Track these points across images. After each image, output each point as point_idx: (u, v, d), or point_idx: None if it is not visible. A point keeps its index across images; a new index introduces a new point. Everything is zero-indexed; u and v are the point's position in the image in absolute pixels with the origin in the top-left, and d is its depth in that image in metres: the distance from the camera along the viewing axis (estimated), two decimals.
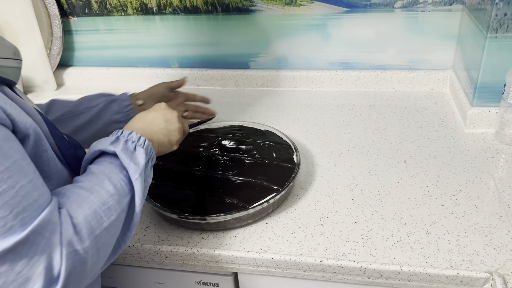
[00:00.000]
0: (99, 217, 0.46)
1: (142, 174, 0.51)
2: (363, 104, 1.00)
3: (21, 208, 0.39)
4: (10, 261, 0.38)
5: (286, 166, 0.74)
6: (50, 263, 0.40)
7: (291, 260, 0.62)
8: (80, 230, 0.44)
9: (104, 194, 0.48)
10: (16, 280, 0.38)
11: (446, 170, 0.77)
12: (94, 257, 0.44)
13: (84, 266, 0.43)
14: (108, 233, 0.46)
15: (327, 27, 1.03)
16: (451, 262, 0.59)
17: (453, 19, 0.98)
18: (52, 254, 0.40)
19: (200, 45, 1.12)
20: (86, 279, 0.45)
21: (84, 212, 0.45)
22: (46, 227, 0.40)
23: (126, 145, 0.53)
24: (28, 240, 0.39)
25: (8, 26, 1.12)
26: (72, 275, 0.42)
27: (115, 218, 0.47)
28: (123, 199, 0.49)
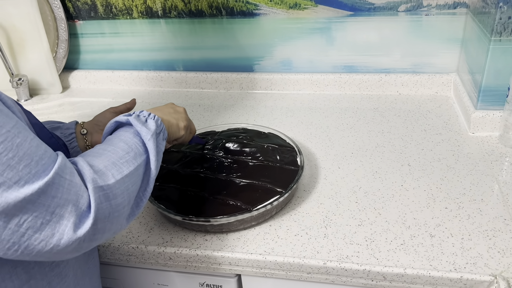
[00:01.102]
0: (118, 167, 0.49)
1: (154, 136, 0.55)
2: (367, 107, 1.00)
3: (38, 156, 0.43)
4: (43, 203, 0.41)
5: (290, 168, 0.74)
6: (78, 200, 0.44)
7: (294, 262, 0.62)
8: (102, 172, 0.48)
9: (120, 152, 0.52)
10: (51, 220, 0.42)
11: (450, 173, 0.77)
12: (119, 198, 0.48)
13: (110, 202, 0.46)
14: (129, 180, 0.50)
15: (331, 31, 1.04)
16: (455, 265, 0.59)
17: (457, 23, 0.98)
18: (78, 191, 0.44)
19: (204, 48, 1.13)
20: (113, 221, 0.47)
21: (103, 162, 0.49)
22: (65, 170, 0.44)
23: (138, 117, 0.58)
24: (54, 181, 0.42)
25: (15, 29, 1.13)
26: (100, 210, 0.45)
27: (134, 169, 0.51)
28: (139, 157, 0.53)
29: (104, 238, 0.48)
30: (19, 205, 0.40)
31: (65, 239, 0.43)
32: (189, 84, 1.17)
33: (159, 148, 0.57)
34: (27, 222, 0.41)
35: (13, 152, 0.41)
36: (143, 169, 0.54)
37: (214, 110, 1.06)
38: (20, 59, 1.18)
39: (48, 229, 0.42)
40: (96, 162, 0.49)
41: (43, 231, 0.42)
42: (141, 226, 0.71)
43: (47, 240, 0.42)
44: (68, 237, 0.43)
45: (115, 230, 0.49)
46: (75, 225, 0.43)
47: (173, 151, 0.83)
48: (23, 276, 0.49)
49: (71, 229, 0.43)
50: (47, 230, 0.42)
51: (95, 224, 0.45)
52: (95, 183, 0.46)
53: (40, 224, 0.42)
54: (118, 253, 0.68)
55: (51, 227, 0.42)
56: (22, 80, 1.17)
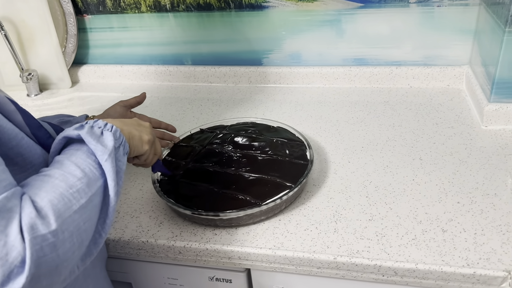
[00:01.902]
0: (66, 200, 0.41)
1: (112, 155, 0.47)
2: (378, 101, 0.99)
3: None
4: None
5: (299, 163, 0.74)
6: (8, 252, 0.36)
7: (304, 257, 0.61)
8: (45, 213, 0.39)
9: (70, 178, 0.43)
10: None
11: (463, 167, 0.75)
12: (67, 243, 0.40)
13: (55, 252, 0.39)
14: (80, 216, 0.42)
15: (341, 23, 1.02)
16: (467, 260, 0.58)
17: (470, 14, 0.96)
18: (11, 242, 0.36)
19: (213, 42, 1.13)
20: (62, 270, 0.40)
21: (49, 196, 0.41)
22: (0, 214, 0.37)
23: (92, 130, 0.49)
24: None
25: (24, 25, 1.14)
26: (43, 263, 0.38)
27: (86, 201, 0.43)
28: (93, 183, 0.45)
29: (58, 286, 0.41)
30: None
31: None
32: (197, 78, 1.17)
33: (119, 167, 0.49)
34: None
35: None
36: (100, 197, 0.46)
37: (222, 104, 1.05)
38: (30, 54, 1.18)
39: None
40: (40, 197, 0.41)
41: None
42: (151, 220, 0.71)
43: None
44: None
45: (63, 280, 0.42)
46: (1, 284, 0.36)
47: (182, 146, 0.83)
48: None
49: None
50: None
51: (36, 281, 0.37)
52: (34, 231, 0.37)
53: None
54: (128, 247, 0.68)
55: None
56: (32, 75, 1.18)
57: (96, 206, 0.45)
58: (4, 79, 1.22)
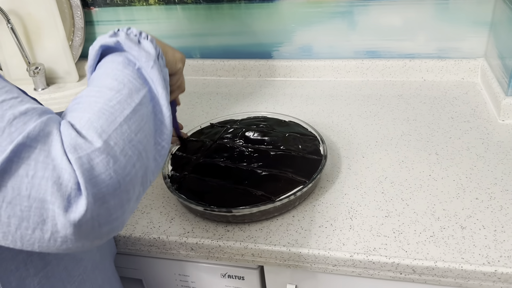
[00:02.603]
0: (108, 114, 0.38)
1: (157, 62, 0.44)
2: (391, 94, 0.97)
3: (6, 121, 0.33)
4: (12, 186, 0.33)
5: (313, 158, 0.72)
6: (58, 176, 0.33)
7: (320, 254, 0.60)
8: (86, 133, 0.36)
9: (107, 92, 0.40)
10: (32, 206, 0.33)
11: (480, 162, 0.73)
12: (121, 157, 0.37)
13: (111, 169, 0.35)
14: (129, 128, 0.38)
15: (353, 15, 1.00)
16: (488, 258, 0.56)
17: (486, 5, 0.93)
18: (59, 165, 0.34)
19: (222, 34, 1.11)
20: (128, 186, 0.37)
21: (87, 115, 0.38)
22: (38, 138, 0.34)
23: (128, 36, 0.45)
24: (20, 155, 0.33)
25: (31, 18, 1.12)
26: (100, 182, 0.35)
27: (130, 112, 0.39)
28: (135, 93, 0.41)
29: (127, 212, 0.38)
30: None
31: (59, 225, 0.34)
32: (206, 72, 1.15)
33: (164, 77, 0.45)
34: (3, 209, 0.33)
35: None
36: (148, 107, 0.42)
37: (232, 98, 1.04)
38: (37, 48, 1.17)
39: (34, 216, 0.33)
40: (77, 119, 0.37)
41: (30, 219, 0.33)
42: (162, 216, 0.69)
43: (41, 228, 0.34)
44: (62, 223, 0.34)
45: (137, 195, 0.39)
46: (64, 209, 0.34)
47: (192, 140, 0.81)
48: (38, 263, 0.47)
49: (61, 216, 0.33)
50: (34, 217, 0.33)
51: (101, 202, 0.35)
52: (78, 151, 0.35)
53: (21, 212, 0.33)
54: (139, 243, 0.67)
55: (36, 214, 0.33)
56: (39, 69, 1.16)
57: (146, 116, 0.41)
58: (10, 73, 1.21)
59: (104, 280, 0.59)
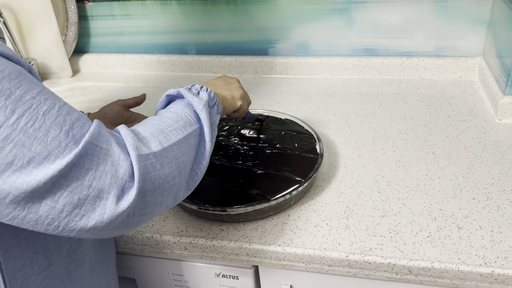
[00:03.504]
0: (166, 134, 0.46)
1: (207, 106, 0.52)
2: (388, 92, 0.96)
3: (68, 126, 0.39)
4: (77, 177, 0.38)
5: (309, 156, 0.71)
6: (117, 170, 0.40)
7: (315, 254, 0.59)
8: (148, 140, 0.44)
9: (168, 120, 0.48)
10: (89, 195, 0.39)
11: (477, 162, 0.73)
12: (167, 167, 0.44)
13: (158, 172, 0.43)
14: (178, 148, 0.46)
15: (351, 12, 0.99)
16: (484, 259, 0.56)
17: (484, 4, 0.93)
18: (116, 161, 0.40)
19: (218, 31, 1.09)
20: (164, 192, 0.44)
21: (150, 129, 0.46)
22: (99, 138, 0.40)
23: (189, 89, 0.55)
24: (87, 152, 0.39)
25: (24, 11, 1.11)
26: (147, 179, 0.41)
27: (183, 137, 0.47)
28: (189, 126, 0.49)
29: (156, 212, 0.44)
30: (51, 181, 0.37)
31: (107, 213, 0.39)
32: (201, 68, 1.14)
33: (213, 121, 0.53)
34: (63, 197, 0.38)
35: (39, 122, 0.37)
36: (196, 139, 0.50)
37: None
38: (30, 42, 1.15)
39: (88, 204, 0.39)
40: (141, 130, 0.46)
41: (83, 207, 0.39)
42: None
43: (89, 216, 0.39)
44: (111, 211, 0.39)
45: (168, 203, 0.46)
46: (117, 198, 0.40)
47: None
48: (43, 262, 0.48)
49: (113, 203, 0.39)
50: (87, 205, 0.39)
51: (142, 195, 0.41)
52: (138, 150, 0.42)
53: (78, 200, 0.38)
54: (133, 242, 0.66)
55: (90, 202, 0.39)
56: (32, 64, 1.15)
57: (192, 145, 0.49)
58: None
59: (102, 283, 0.59)
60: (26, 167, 0.36)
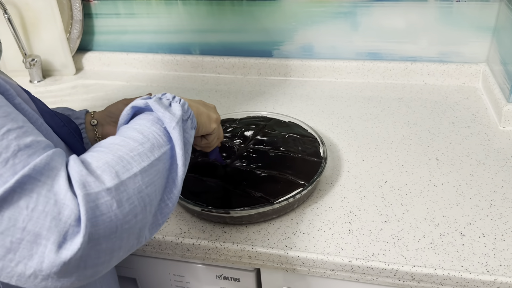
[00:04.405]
0: (126, 162, 0.39)
1: (180, 124, 0.45)
2: (392, 97, 0.96)
3: (11, 153, 0.33)
4: (9, 216, 0.32)
5: (312, 160, 0.71)
6: (60, 211, 0.33)
7: (318, 258, 0.59)
8: (100, 173, 0.37)
9: (131, 143, 0.41)
10: (24, 239, 0.33)
11: (480, 169, 0.73)
12: (126, 205, 0.37)
13: (113, 212, 0.36)
14: (142, 179, 0.39)
15: (356, 16, 0.99)
16: (487, 266, 0.56)
17: (489, 10, 0.93)
18: (62, 200, 0.34)
19: (222, 31, 1.09)
20: (124, 234, 0.37)
21: (106, 158, 0.39)
22: (42, 171, 0.34)
23: (160, 100, 0.48)
24: (23, 187, 0.33)
25: (28, 8, 1.10)
26: (100, 222, 0.35)
27: (148, 165, 0.40)
28: (157, 149, 0.42)
29: (114, 259, 0.38)
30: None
31: (46, 262, 0.33)
32: (205, 69, 1.14)
33: (187, 139, 0.47)
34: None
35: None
36: (165, 164, 0.43)
37: (231, 96, 1.03)
38: (33, 39, 1.15)
39: (23, 249, 0.33)
40: (95, 159, 0.38)
41: (17, 252, 0.33)
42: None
43: (25, 263, 0.33)
44: (50, 260, 0.33)
45: (129, 246, 0.39)
46: (58, 245, 0.33)
47: None
48: None
49: (52, 251, 0.33)
50: (22, 251, 0.33)
51: (94, 243, 0.35)
52: (86, 188, 0.35)
53: (10, 243, 0.33)
54: None
55: (26, 247, 0.33)
56: (35, 61, 1.14)
57: (160, 173, 0.42)
58: (6, 64, 1.19)
59: (103, 283, 0.58)
60: None
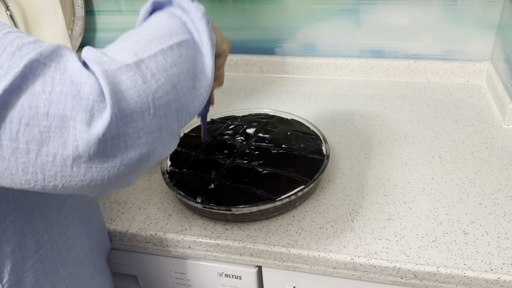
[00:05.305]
0: (143, 44, 0.37)
1: (206, 16, 0.42)
2: (395, 95, 0.96)
3: (15, 47, 0.32)
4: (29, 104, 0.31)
5: (314, 157, 0.71)
6: (78, 90, 0.32)
7: (320, 256, 0.59)
8: (117, 54, 0.36)
9: (146, 31, 0.39)
10: (51, 125, 0.31)
11: (484, 167, 0.72)
12: (153, 81, 0.35)
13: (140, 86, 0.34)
14: (164, 58, 0.37)
15: (359, 13, 0.98)
16: (491, 265, 0.55)
17: (493, 8, 0.92)
18: (78, 79, 0.32)
19: (224, 28, 1.08)
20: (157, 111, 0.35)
21: (122, 43, 0.37)
22: (51, 57, 0.33)
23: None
24: (33, 72, 0.31)
25: (30, 5, 1.10)
26: (128, 97, 0.33)
27: (167, 47, 0.38)
28: (175, 35, 0.40)
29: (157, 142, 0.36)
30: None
31: (81, 145, 0.32)
32: None
33: (211, 35, 0.43)
34: (21, 134, 0.31)
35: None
36: (188, 51, 0.40)
37: (233, 94, 1.02)
38: (36, 36, 1.14)
39: (54, 137, 0.31)
40: (110, 46, 0.38)
41: (50, 142, 0.32)
42: (159, 212, 0.68)
43: (62, 153, 0.32)
44: (84, 141, 0.32)
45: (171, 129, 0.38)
46: (87, 123, 0.32)
47: (192, 136, 0.80)
48: (32, 246, 0.46)
49: (83, 130, 0.32)
50: (54, 139, 0.31)
51: (128, 119, 0.33)
52: (103, 66, 0.34)
53: (39, 133, 0.31)
54: (136, 239, 0.66)
55: (56, 134, 0.31)
56: None
57: (184, 57, 0.40)
58: None
59: (96, 270, 0.58)
60: None
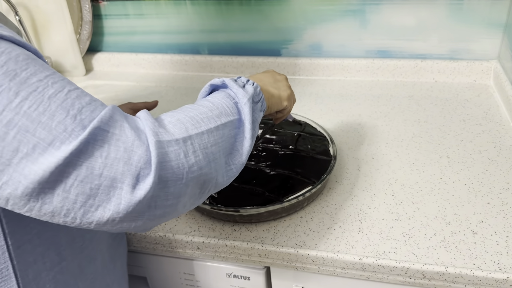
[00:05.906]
0: (195, 121, 0.43)
1: (251, 100, 0.49)
2: (402, 95, 0.96)
3: (76, 110, 0.36)
4: (86, 165, 0.35)
5: (322, 158, 0.71)
6: (130, 156, 0.37)
7: (328, 257, 0.59)
8: (172, 126, 0.41)
9: (201, 108, 0.45)
10: (102, 184, 0.36)
11: (492, 166, 0.72)
12: (192, 156, 0.40)
13: (180, 161, 0.39)
14: (207, 138, 0.43)
15: (365, 13, 0.99)
16: (500, 264, 0.55)
17: (500, 6, 0.92)
18: (130, 147, 0.37)
19: (231, 31, 1.09)
20: (189, 182, 0.40)
21: (178, 116, 0.43)
22: (110, 123, 0.37)
23: (235, 81, 0.52)
24: (95, 138, 0.36)
25: (39, 10, 1.12)
26: (168, 167, 0.38)
27: (214, 127, 0.44)
28: (224, 116, 0.46)
29: (181, 204, 0.41)
30: (58, 170, 0.34)
31: (123, 203, 0.37)
32: (214, 68, 1.14)
33: (255, 118, 0.50)
34: (74, 187, 0.35)
35: (44, 105, 0.35)
36: (231, 131, 0.46)
37: None
38: (44, 41, 1.16)
39: (102, 194, 0.36)
40: (168, 116, 0.43)
41: (97, 197, 0.36)
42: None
43: (104, 206, 0.37)
44: (126, 201, 0.37)
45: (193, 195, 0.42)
46: (132, 186, 0.37)
47: None
48: (55, 258, 0.48)
49: (128, 192, 0.37)
50: (101, 195, 0.36)
51: (163, 185, 0.38)
52: (158, 136, 0.39)
53: (90, 190, 0.36)
54: (145, 241, 0.66)
55: (104, 192, 0.36)
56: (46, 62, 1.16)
57: (225, 137, 0.45)
58: None
59: (113, 280, 0.59)
60: (31, 154, 0.34)
